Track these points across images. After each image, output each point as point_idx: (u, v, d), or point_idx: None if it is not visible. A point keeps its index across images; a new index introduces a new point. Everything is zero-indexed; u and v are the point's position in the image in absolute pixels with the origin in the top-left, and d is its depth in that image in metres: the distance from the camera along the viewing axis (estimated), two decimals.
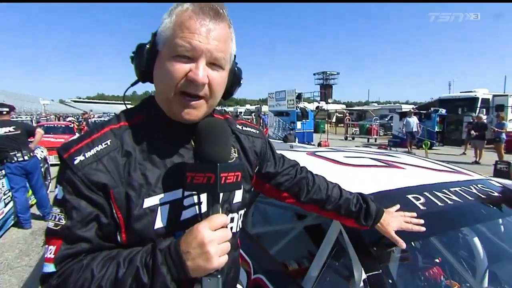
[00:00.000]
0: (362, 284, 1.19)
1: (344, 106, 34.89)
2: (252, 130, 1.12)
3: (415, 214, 1.16)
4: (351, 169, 1.96)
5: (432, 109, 18.04)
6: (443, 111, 17.64)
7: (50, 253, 0.76)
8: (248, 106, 53.23)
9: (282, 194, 1.20)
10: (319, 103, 28.61)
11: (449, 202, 1.58)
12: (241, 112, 39.44)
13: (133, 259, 0.74)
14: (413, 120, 14.76)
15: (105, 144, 0.82)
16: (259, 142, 1.11)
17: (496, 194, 1.82)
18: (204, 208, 0.87)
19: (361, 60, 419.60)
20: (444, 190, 1.68)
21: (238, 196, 1.00)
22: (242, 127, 1.09)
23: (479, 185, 1.87)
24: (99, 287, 0.72)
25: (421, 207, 1.50)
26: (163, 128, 0.88)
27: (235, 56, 0.93)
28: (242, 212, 1.03)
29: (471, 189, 1.78)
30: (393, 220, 1.11)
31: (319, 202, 1.20)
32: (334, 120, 32.54)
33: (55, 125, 14.20)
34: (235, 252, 1.03)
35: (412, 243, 1.67)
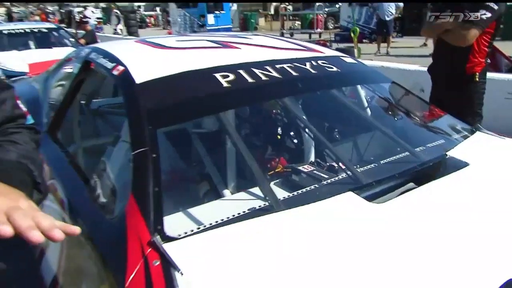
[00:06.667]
0: None
1: None
2: None
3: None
4: (173, 52, 1.74)
5: None
6: None
7: None
8: None
9: None
10: None
11: (263, 78, 1.46)
12: (139, 7, 23.98)
13: None
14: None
15: None
16: None
17: (334, 69, 1.72)
18: None
19: None
20: (267, 67, 1.54)
21: None
22: None
23: (319, 62, 1.74)
24: None
25: (225, 84, 1.38)
26: None
27: None
28: None
29: (305, 65, 1.66)
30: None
31: None
32: (272, 12, 22.17)
33: None
34: None
35: None
